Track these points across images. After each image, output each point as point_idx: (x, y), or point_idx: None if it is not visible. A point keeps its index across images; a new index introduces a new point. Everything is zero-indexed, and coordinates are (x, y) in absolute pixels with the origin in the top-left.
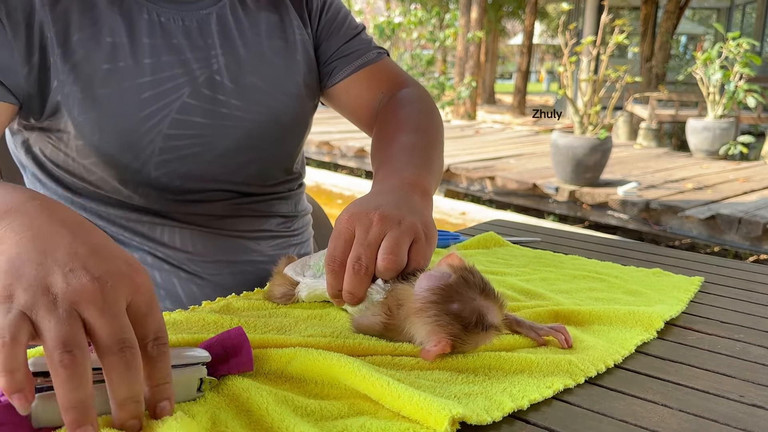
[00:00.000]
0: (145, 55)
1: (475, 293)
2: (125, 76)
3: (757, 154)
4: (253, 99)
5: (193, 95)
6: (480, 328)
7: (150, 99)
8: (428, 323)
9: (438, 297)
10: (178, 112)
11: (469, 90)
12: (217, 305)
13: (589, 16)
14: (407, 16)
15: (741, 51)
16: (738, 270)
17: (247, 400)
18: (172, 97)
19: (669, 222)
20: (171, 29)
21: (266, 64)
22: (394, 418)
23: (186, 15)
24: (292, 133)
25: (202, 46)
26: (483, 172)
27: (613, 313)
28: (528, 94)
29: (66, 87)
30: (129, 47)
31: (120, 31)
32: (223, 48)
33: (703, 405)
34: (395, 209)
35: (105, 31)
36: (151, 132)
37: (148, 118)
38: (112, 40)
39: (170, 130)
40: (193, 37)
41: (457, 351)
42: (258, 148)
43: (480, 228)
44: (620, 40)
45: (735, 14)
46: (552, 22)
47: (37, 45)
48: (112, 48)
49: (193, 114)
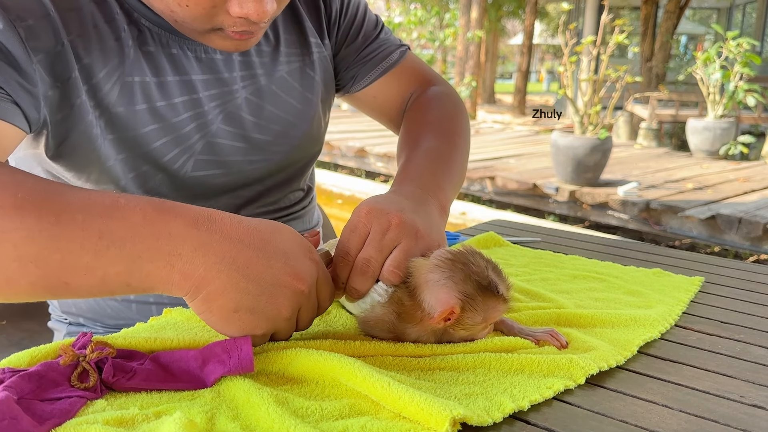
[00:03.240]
0: (173, 94)
1: (487, 264)
2: (149, 119)
3: (757, 154)
4: (273, 130)
5: (218, 133)
6: (494, 292)
7: (172, 141)
8: (441, 281)
9: (452, 256)
10: (201, 152)
11: (469, 90)
12: None
13: (589, 16)
14: (407, 15)
15: (741, 51)
16: (738, 270)
17: (248, 400)
18: (195, 138)
19: (669, 222)
20: (194, 64)
21: (286, 92)
22: (395, 418)
23: (208, 46)
24: (308, 154)
25: (226, 79)
26: (483, 172)
27: (615, 317)
28: (528, 94)
29: (91, 126)
30: (156, 88)
31: (145, 70)
32: (245, 81)
33: (703, 405)
34: (415, 217)
35: (128, 71)
36: (180, 170)
37: (174, 160)
38: (141, 80)
39: (195, 172)
40: (217, 71)
41: (467, 321)
42: (276, 176)
43: (480, 228)
44: (620, 40)
45: (735, 14)
46: (552, 22)
47: (60, 79)
48: (141, 89)
49: (218, 153)
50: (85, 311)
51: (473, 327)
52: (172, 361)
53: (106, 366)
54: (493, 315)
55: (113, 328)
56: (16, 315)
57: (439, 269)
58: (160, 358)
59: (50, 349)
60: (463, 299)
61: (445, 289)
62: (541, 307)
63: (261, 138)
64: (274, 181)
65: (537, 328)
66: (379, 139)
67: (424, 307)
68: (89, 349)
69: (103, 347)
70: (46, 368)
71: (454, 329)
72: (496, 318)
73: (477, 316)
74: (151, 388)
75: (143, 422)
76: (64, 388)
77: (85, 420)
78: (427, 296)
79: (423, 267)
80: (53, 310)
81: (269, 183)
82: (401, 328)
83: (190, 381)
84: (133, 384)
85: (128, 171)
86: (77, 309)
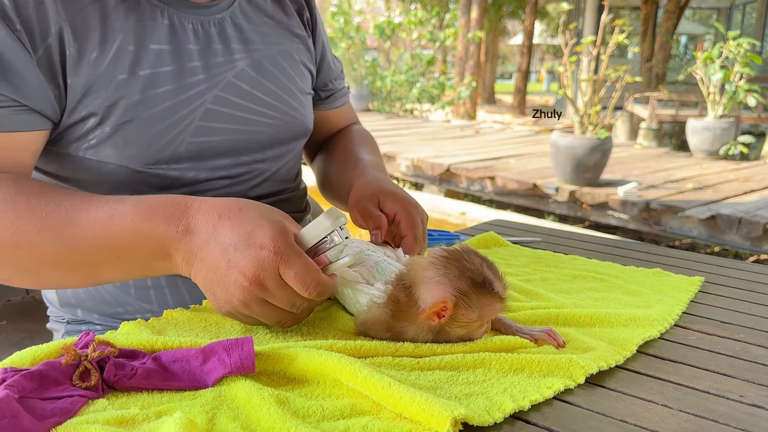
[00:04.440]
0: (166, 62)
1: (482, 262)
2: (150, 84)
3: (757, 154)
4: (268, 103)
5: (215, 101)
6: (488, 289)
7: (175, 106)
8: (436, 278)
9: (448, 254)
10: (201, 119)
11: (469, 90)
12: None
13: (589, 16)
14: (407, 16)
15: (741, 51)
16: (738, 270)
17: (249, 400)
18: (196, 104)
19: (669, 222)
20: (190, 34)
21: (278, 69)
22: (396, 419)
23: (204, 19)
24: (297, 132)
25: (222, 50)
26: (483, 172)
27: (615, 317)
28: (528, 94)
29: (90, 100)
30: (151, 55)
31: (140, 38)
32: (240, 53)
33: (703, 405)
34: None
35: (125, 41)
36: (176, 140)
37: (173, 126)
38: (134, 48)
39: (194, 138)
40: (213, 42)
41: (462, 318)
42: (268, 151)
43: (480, 228)
44: (620, 40)
45: (735, 14)
46: (552, 22)
47: (59, 64)
48: (133, 57)
49: (217, 120)
50: (84, 300)
51: (469, 324)
52: (173, 360)
53: (107, 365)
54: (489, 313)
55: (111, 318)
56: (16, 315)
57: (434, 266)
58: (162, 358)
59: (52, 348)
60: (456, 295)
61: (440, 286)
62: (541, 306)
63: (255, 108)
64: (265, 156)
65: (535, 327)
66: (380, 139)
67: (419, 304)
68: (91, 349)
69: (105, 346)
70: (47, 367)
71: (450, 327)
72: (492, 316)
73: (472, 313)
74: (153, 388)
75: (143, 422)
76: (65, 387)
77: (85, 419)
78: (422, 293)
79: (419, 265)
80: (51, 311)
81: (260, 156)
82: (398, 327)
83: (191, 381)
84: (135, 383)
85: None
86: (76, 299)
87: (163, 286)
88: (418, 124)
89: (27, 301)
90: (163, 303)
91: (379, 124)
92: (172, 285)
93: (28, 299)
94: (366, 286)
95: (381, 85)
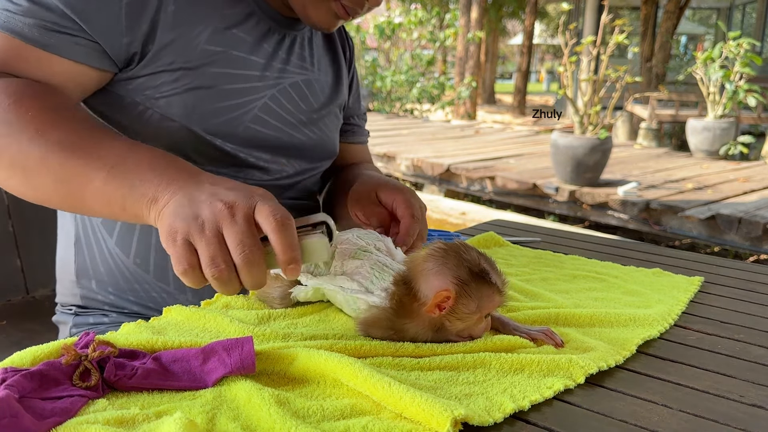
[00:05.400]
0: (247, 50)
1: (479, 256)
2: (234, 64)
3: (757, 154)
4: (311, 118)
5: (272, 99)
6: (487, 280)
7: (247, 90)
8: (435, 269)
9: (446, 246)
10: (260, 110)
11: (469, 90)
12: (216, 305)
13: (589, 16)
14: (407, 16)
15: (741, 51)
16: (738, 270)
17: (249, 401)
18: (260, 95)
19: (669, 222)
20: (269, 36)
21: (323, 94)
22: (397, 419)
23: (282, 30)
24: (327, 159)
25: (287, 60)
26: (483, 172)
27: (615, 317)
28: (528, 94)
29: (173, 56)
30: (236, 40)
31: (232, 24)
32: (298, 68)
33: (703, 405)
34: None
35: (222, 21)
36: (238, 119)
37: (240, 107)
38: (226, 27)
39: (251, 124)
40: (282, 51)
41: (461, 309)
42: (302, 161)
43: (480, 228)
44: (620, 40)
45: (735, 14)
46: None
47: (150, 15)
48: (224, 36)
49: (270, 116)
50: (102, 273)
51: (468, 317)
52: (173, 360)
53: (107, 365)
54: (488, 304)
55: (124, 296)
56: (17, 315)
57: (433, 258)
58: (162, 358)
59: (53, 348)
60: (457, 284)
61: (440, 276)
62: (541, 306)
63: (300, 117)
64: (300, 165)
65: (533, 327)
66: (380, 139)
67: (419, 297)
68: (91, 349)
69: (105, 346)
70: (48, 367)
71: (450, 320)
72: (490, 309)
73: (471, 303)
74: (153, 388)
75: (144, 422)
76: (65, 387)
77: (85, 419)
78: (422, 285)
79: (417, 258)
80: (62, 287)
81: (295, 163)
82: (399, 324)
83: (192, 381)
84: (135, 383)
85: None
86: (94, 270)
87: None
88: (418, 124)
89: (27, 301)
90: (180, 285)
91: (379, 124)
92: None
93: (28, 299)
94: (365, 294)
95: (381, 86)
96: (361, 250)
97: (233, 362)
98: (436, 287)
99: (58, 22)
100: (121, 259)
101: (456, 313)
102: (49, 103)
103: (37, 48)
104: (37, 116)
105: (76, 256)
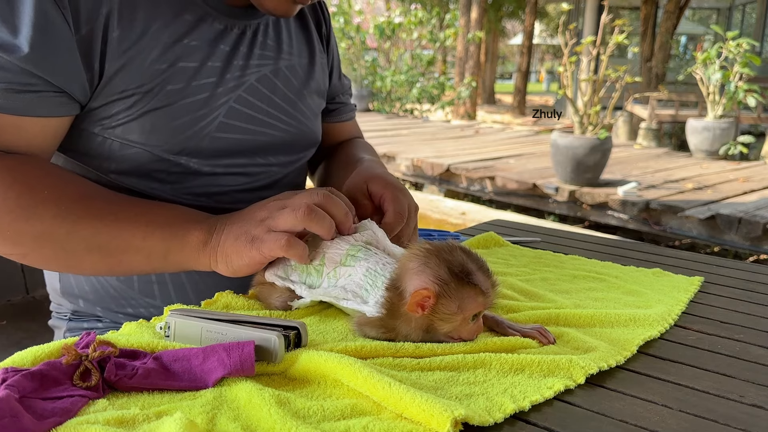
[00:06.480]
0: (200, 58)
1: (467, 257)
2: (185, 76)
3: (757, 154)
4: (284, 110)
5: (238, 101)
6: (468, 281)
7: (205, 101)
8: (417, 268)
9: (431, 247)
10: (225, 116)
11: (469, 90)
12: (216, 306)
13: (589, 16)
14: (407, 16)
15: (741, 51)
16: (738, 270)
17: (249, 401)
18: (222, 101)
19: (669, 222)
20: (225, 35)
21: (296, 79)
22: (397, 419)
23: (240, 23)
24: (308, 140)
25: (249, 54)
26: (483, 172)
27: (615, 317)
28: (528, 94)
29: (123, 83)
30: (188, 50)
31: (181, 33)
32: (265, 59)
33: (703, 405)
34: None
35: (167, 32)
36: (201, 133)
37: (200, 119)
38: (173, 41)
39: (217, 133)
40: (243, 45)
41: (442, 310)
42: (281, 156)
43: (480, 228)
44: (620, 40)
45: (735, 14)
46: (552, 22)
47: (99, 47)
48: (173, 49)
49: (238, 119)
50: (87, 292)
51: (451, 318)
52: (174, 359)
53: (108, 365)
54: (470, 306)
55: (112, 312)
56: (16, 315)
57: (416, 257)
58: (162, 357)
59: (53, 348)
60: (437, 283)
61: (422, 275)
62: (541, 306)
63: (272, 112)
64: (278, 160)
65: (525, 325)
66: (380, 139)
67: (404, 296)
68: (92, 349)
69: (106, 346)
70: (48, 367)
71: (434, 321)
72: (474, 310)
73: (452, 304)
74: (153, 388)
75: (144, 422)
76: (66, 387)
77: (85, 419)
78: (406, 284)
79: (403, 259)
80: (54, 303)
81: (273, 159)
82: (391, 324)
83: (192, 381)
84: (135, 383)
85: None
86: (79, 290)
87: (167, 282)
88: (418, 124)
89: (27, 301)
90: (167, 298)
91: (379, 124)
92: (175, 281)
93: (28, 299)
94: (361, 305)
95: (381, 85)
96: (349, 256)
97: (233, 363)
98: (416, 286)
99: (21, 81)
100: (104, 277)
101: (438, 313)
102: (54, 179)
103: (6, 115)
104: (52, 195)
105: (60, 277)
